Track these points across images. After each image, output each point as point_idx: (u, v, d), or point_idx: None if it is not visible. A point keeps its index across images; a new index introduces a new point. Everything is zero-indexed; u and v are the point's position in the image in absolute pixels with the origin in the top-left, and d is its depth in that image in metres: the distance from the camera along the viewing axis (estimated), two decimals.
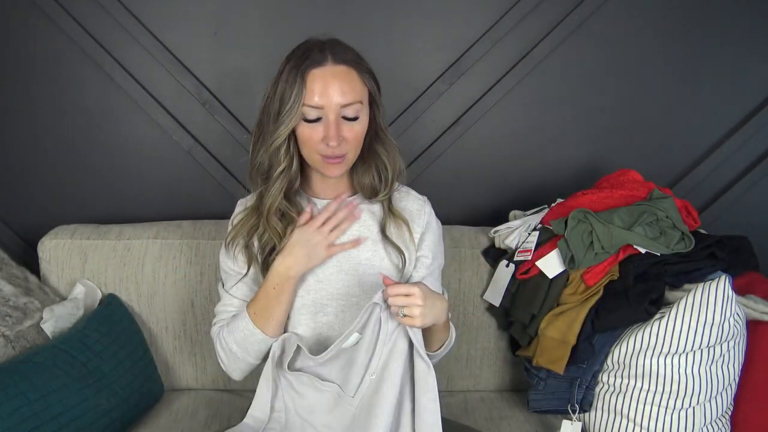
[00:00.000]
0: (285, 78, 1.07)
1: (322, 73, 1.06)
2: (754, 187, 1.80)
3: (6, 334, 1.28)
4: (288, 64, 1.09)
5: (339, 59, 1.08)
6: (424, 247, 1.24)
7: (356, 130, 1.10)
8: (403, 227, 1.22)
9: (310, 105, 1.06)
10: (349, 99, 1.07)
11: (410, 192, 1.28)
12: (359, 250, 1.19)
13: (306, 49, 1.09)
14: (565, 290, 1.42)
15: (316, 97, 1.06)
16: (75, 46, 1.63)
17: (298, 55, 1.09)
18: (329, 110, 1.06)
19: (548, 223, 1.49)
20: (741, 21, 1.70)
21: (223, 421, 1.44)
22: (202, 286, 1.53)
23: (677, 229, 1.40)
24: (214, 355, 1.55)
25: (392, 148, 1.18)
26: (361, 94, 1.09)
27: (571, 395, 1.39)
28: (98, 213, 1.73)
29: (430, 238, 1.25)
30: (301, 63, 1.07)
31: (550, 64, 1.70)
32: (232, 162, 1.74)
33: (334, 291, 1.19)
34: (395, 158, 1.19)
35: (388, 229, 1.21)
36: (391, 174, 1.19)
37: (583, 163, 1.78)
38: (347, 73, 1.08)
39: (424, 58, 1.69)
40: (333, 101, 1.06)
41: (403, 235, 1.22)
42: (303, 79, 1.06)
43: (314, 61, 1.06)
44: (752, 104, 1.75)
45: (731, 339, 1.28)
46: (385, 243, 1.21)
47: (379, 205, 1.23)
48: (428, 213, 1.26)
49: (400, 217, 1.22)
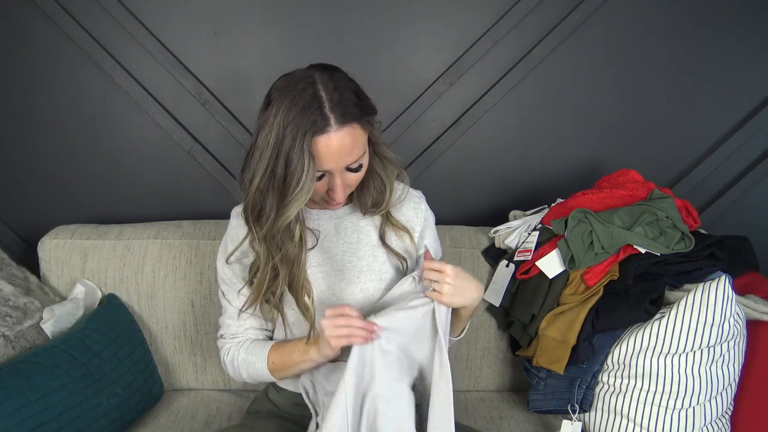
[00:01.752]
0: (289, 145, 0.98)
1: (327, 141, 0.99)
2: (754, 187, 1.80)
3: (6, 334, 1.28)
4: (287, 123, 0.98)
5: (342, 118, 1.00)
6: (425, 240, 1.26)
7: (359, 176, 1.09)
8: (403, 235, 1.22)
9: (318, 169, 1.02)
10: (354, 157, 1.03)
11: (406, 192, 1.24)
12: (359, 257, 1.19)
13: (303, 105, 0.98)
14: (565, 290, 1.42)
15: (323, 164, 1.01)
16: (75, 46, 1.63)
17: (296, 111, 0.98)
18: (335, 171, 1.04)
19: (548, 223, 1.49)
20: (741, 21, 1.69)
21: (223, 421, 1.44)
22: (202, 286, 1.53)
23: (677, 229, 1.40)
24: (214, 355, 1.57)
25: (389, 162, 1.15)
26: (364, 145, 1.06)
27: (571, 395, 1.39)
28: (98, 213, 1.74)
29: (429, 234, 1.27)
30: (303, 126, 0.98)
31: (550, 64, 1.70)
32: (232, 162, 1.74)
33: (336, 300, 1.18)
34: (392, 172, 1.16)
35: (387, 238, 1.20)
36: (388, 188, 1.17)
37: (583, 163, 1.78)
38: (352, 134, 1.01)
39: (424, 58, 1.69)
40: (340, 164, 1.03)
41: (404, 241, 1.22)
42: (310, 149, 0.98)
43: (318, 128, 0.98)
44: (752, 104, 1.75)
45: (731, 339, 1.28)
46: (386, 248, 1.21)
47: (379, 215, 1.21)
48: (424, 210, 1.26)
49: (400, 227, 1.21)
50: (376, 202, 1.18)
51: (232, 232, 1.20)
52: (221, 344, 1.25)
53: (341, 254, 1.18)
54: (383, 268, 1.19)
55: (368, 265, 1.19)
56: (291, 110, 0.99)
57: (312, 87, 1.00)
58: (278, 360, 1.17)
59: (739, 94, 1.75)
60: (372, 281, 1.18)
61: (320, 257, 1.18)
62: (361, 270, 1.18)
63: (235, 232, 1.19)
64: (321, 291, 1.17)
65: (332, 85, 1.01)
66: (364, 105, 1.04)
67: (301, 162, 0.98)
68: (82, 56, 1.64)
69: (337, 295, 1.17)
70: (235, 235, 1.18)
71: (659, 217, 1.39)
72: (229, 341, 1.23)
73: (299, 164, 0.98)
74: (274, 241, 1.09)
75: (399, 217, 1.22)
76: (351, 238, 1.19)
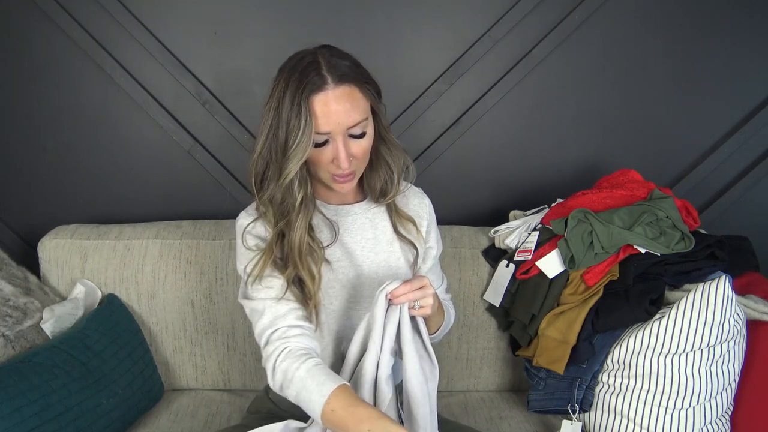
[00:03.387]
0: (288, 106, 1.02)
1: (325, 98, 1.02)
2: (754, 187, 1.80)
3: (6, 334, 1.28)
4: (287, 88, 1.03)
5: (339, 78, 1.03)
6: (430, 239, 1.28)
7: (364, 146, 1.08)
8: (410, 225, 1.24)
9: (317, 132, 1.03)
10: (354, 119, 1.04)
11: (408, 187, 1.27)
12: (376, 252, 1.20)
13: (302, 69, 1.03)
14: (565, 290, 1.42)
15: (321, 123, 1.02)
16: (75, 46, 1.63)
17: (295, 77, 1.03)
18: (336, 134, 1.04)
19: (548, 223, 1.49)
20: (741, 21, 1.69)
21: (223, 421, 1.44)
22: (202, 286, 1.53)
23: (677, 229, 1.40)
24: (214, 355, 1.57)
25: (396, 148, 1.17)
26: (365, 111, 1.06)
27: (571, 395, 1.39)
28: (98, 213, 1.74)
29: (434, 231, 1.29)
30: (301, 88, 1.01)
31: (550, 64, 1.70)
32: (232, 162, 1.74)
33: (356, 294, 1.19)
34: (399, 158, 1.18)
35: (399, 227, 1.23)
36: (396, 175, 1.18)
37: (583, 163, 1.78)
38: (350, 93, 1.04)
39: (424, 58, 1.69)
40: (339, 125, 1.03)
41: (411, 232, 1.24)
42: (308, 106, 1.01)
43: (315, 86, 1.02)
44: (752, 104, 1.75)
45: (731, 339, 1.28)
46: (401, 241, 1.22)
47: (386, 206, 1.23)
48: (428, 205, 1.29)
49: (406, 217, 1.24)
50: (384, 189, 1.20)
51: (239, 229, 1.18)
52: (271, 348, 1.08)
53: (360, 250, 1.20)
54: (399, 263, 1.22)
55: (384, 260, 1.21)
56: (291, 76, 1.03)
57: (312, 56, 1.05)
58: (341, 409, 0.96)
59: (739, 94, 1.75)
60: (388, 276, 1.19)
61: (339, 252, 1.18)
62: (378, 265, 1.20)
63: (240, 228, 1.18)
64: (341, 285, 1.18)
65: (330, 53, 1.06)
66: (363, 72, 1.08)
67: (298, 120, 1.01)
68: (82, 56, 1.64)
69: (357, 290, 1.19)
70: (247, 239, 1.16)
71: (659, 217, 1.39)
72: (280, 341, 1.08)
73: (296, 122, 1.01)
74: (278, 204, 1.10)
75: (405, 209, 1.25)
76: (367, 233, 1.21)
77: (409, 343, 1.06)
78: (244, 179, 1.74)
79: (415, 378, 1.05)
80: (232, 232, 1.57)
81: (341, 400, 0.97)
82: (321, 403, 0.97)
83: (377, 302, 1.06)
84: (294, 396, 1.03)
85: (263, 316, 1.10)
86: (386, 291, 1.06)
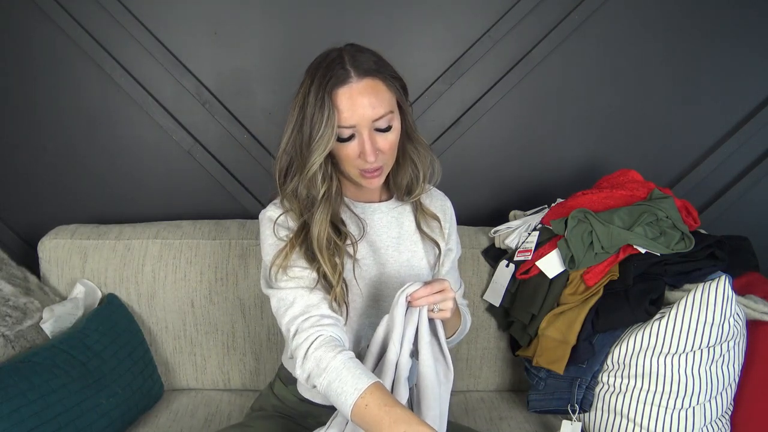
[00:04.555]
0: (312, 101, 1.03)
1: (348, 91, 1.03)
2: (754, 187, 1.80)
3: (6, 334, 1.28)
4: (312, 84, 1.04)
5: (363, 72, 1.04)
6: (451, 241, 1.28)
7: (390, 140, 1.09)
8: (434, 224, 1.25)
9: (342, 125, 1.04)
10: (379, 112, 1.04)
11: (432, 189, 1.29)
12: (400, 251, 1.20)
13: (327, 65, 1.05)
14: (565, 290, 1.42)
15: (346, 116, 1.03)
16: (75, 46, 1.63)
17: (320, 72, 1.04)
18: (362, 127, 1.05)
19: (548, 223, 1.49)
20: (741, 21, 1.69)
21: (222, 421, 1.44)
22: (202, 286, 1.53)
23: (677, 229, 1.40)
24: (214, 354, 1.57)
25: (422, 146, 1.18)
26: (390, 104, 1.07)
27: (571, 395, 1.39)
28: (98, 213, 1.74)
29: (454, 233, 1.30)
30: (324, 82, 1.03)
31: (550, 64, 1.70)
32: (232, 162, 1.74)
33: (377, 293, 1.19)
34: (426, 157, 1.19)
35: (423, 225, 1.24)
36: (422, 173, 1.19)
37: (583, 163, 1.78)
38: (374, 86, 1.05)
39: (424, 58, 1.69)
40: (364, 118, 1.04)
41: (434, 231, 1.25)
42: (331, 100, 1.02)
43: (339, 80, 1.03)
44: (752, 104, 1.75)
45: (731, 339, 1.28)
46: (423, 240, 1.23)
47: (411, 204, 1.24)
48: (450, 207, 1.30)
49: (431, 215, 1.25)
50: (410, 186, 1.20)
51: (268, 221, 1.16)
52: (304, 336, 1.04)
53: (385, 248, 1.20)
54: (421, 264, 1.22)
55: (407, 260, 1.21)
56: (316, 73, 1.05)
57: (337, 52, 1.07)
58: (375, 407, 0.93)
59: (739, 94, 1.75)
60: (410, 276, 1.20)
61: (365, 250, 1.18)
62: (401, 265, 1.21)
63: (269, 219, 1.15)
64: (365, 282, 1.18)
65: (355, 49, 1.08)
66: (388, 67, 1.09)
67: (321, 113, 1.02)
68: (82, 56, 1.64)
69: (379, 289, 1.19)
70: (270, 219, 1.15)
71: (659, 217, 1.39)
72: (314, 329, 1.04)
73: (319, 115, 1.03)
74: (303, 198, 1.11)
75: (430, 207, 1.26)
76: (392, 232, 1.21)
77: (426, 345, 1.06)
78: (244, 179, 1.74)
79: (429, 380, 1.05)
80: (233, 232, 1.58)
81: (377, 398, 0.94)
82: (355, 396, 0.94)
83: (397, 303, 1.05)
84: (325, 386, 0.99)
85: (294, 305, 1.08)
86: (407, 293, 1.05)
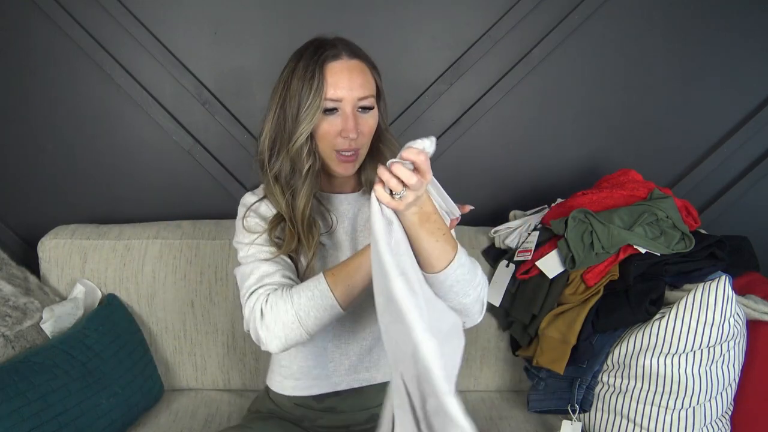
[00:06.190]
0: (301, 74, 1.07)
1: (339, 66, 1.07)
2: (754, 187, 1.80)
3: (6, 334, 1.28)
4: (299, 62, 1.08)
5: (353, 54, 1.10)
6: None
7: (370, 124, 1.12)
8: None
9: (329, 98, 1.06)
10: (365, 92, 1.08)
11: None
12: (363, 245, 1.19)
13: (317, 45, 1.10)
14: (566, 290, 1.42)
15: (335, 89, 1.06)
16: (75, 46, 1.63)
17: (310, 51, 1.09)
18: (347, 102, 1.07)
19: (548, 223, 1.49)
20: (741, 21, 1.70)
21: (223, 421, 1.44)
22: (202, 286, 1.53)
23: (677, 229, 1.40)
24: (214, 354, 1.57)
25: (393, 145, 1.19)
26: (373, 88, 1.11)
27: (571, 395, 1.39)
28: (98, 213, 1.74)
29: None
30: (316, 57, 1.07)
31: (550, 64, 1.70)
32: (232, 162, 1.74)
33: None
34: (396, 152, 1.18)
35: None
36: None
37: (583, 163, 1.78)
38: (362, 68, 1.10)
39: (424, 58, 1.69)
40: (352, 93, 1.07)
41: None
42: (321, 72, 1.06)
43: (330, 55, 1.07)
44: (752, 104, 1.75)
45: (731, 339, 1.28)
46: None
47: None
48: None
49: None
50: None
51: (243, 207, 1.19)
52: (255, 297, 1.04)
53: (349, 240, 1.19)
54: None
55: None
56: (305, 53, 1.09)
57: (323, 38, 1.12)
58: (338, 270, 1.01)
59: (739, 94, 1.75)
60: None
61: (330, 240, 1.18)
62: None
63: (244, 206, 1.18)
64: None
65: (342, 38, 1.13)
66: (371, 60, 1.13)
67: (310, 84, 1.05)
68: (82, 56, 1.64)
69: None
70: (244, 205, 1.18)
71: (659, 217, 1.39)
72: (265, 288, 1.05)
73: (308, 86, 1.05)
74: (286, 176, 1.12)
75: None
76: (360, 222, 1.21)
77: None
78: (244, 179, 1.74)
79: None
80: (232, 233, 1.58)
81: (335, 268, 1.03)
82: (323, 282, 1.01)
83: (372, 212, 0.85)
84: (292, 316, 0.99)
85: (250, 276, 1.08)
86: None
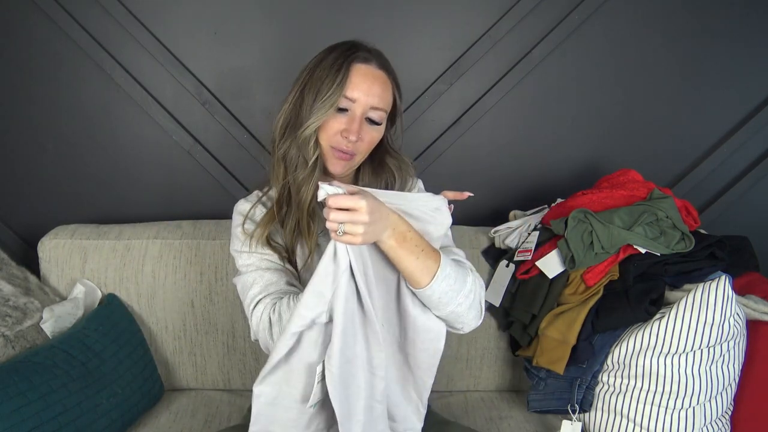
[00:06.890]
0: (328, 65, 1.07)
1: (366, 70, 1.08)
2: (754, 187, 1.80)
3: (6, 334, 1.28)
4: (332, 54, 1.09)
5: (382, 66, 1.11)
6: None
7: (373, 136, 1.12)
8: None
9: (346, 96, 1.07)
10: (380, 104, 1.09)
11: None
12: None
13: (352, 44, 1.11)
14: (565, 290, 1.42)
15: (353, 89, 1.07)
16: (75, 46, 1.63)
17: (344, 47, 1.10)
18: (359, 105, 1.08)
19: (548, 223, 1.49)
20: (741, 21, 1.70)
21: (223, 421, 1.44)
22: (202, 286, 1.53)
23: (677, 229, 1.40)
24: (214, 355, 1.57)
25: (404, 163, 1.20)
26: (388, 105, 1.12)
27: (571, 395, 1.39)
28: (98, 213, 1.74)
29: None
30: (348, 54, 1.08)
31: (550, 64, 1.70)
32: (232, 162, 1.74)
33: None
34: (406, 172, 1.21)
35: None
36: (398, 186, 1.20)
37: (583, 163, 1.78)
38: (385, 81, 1.11)
39: (424, 58, 1.69)
40: (367, 99, 1.08)
41: None
42: (348, 69, 1.07)
43: (361, 57, 1.09)
44: (752, 104, 1.75)
45: (731, 339, 1.28)
46: None
47: None
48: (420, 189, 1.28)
49: None
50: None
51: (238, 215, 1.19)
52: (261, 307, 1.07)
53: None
54: None
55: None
56: (336, 48, 1.10)
57: (361, 42, 1.13)
58: None
59: (739, 94, 1.75)
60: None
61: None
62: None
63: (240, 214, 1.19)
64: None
65: (380, 51, 1.13)
66: (397, 79, 1.14)
67: (334, 76, 1.06)
68: (82, 56, 1.64)
69: None
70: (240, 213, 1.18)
71: (659, 217, 1.39)
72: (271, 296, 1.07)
73: (332, 79, 1.06)
74: (292, 160, 1.11)
75: None
76: None
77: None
78: (244, 179, 1.74)
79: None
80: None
81: None
82: None
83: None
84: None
85: (254, 285, 1.10)
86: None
